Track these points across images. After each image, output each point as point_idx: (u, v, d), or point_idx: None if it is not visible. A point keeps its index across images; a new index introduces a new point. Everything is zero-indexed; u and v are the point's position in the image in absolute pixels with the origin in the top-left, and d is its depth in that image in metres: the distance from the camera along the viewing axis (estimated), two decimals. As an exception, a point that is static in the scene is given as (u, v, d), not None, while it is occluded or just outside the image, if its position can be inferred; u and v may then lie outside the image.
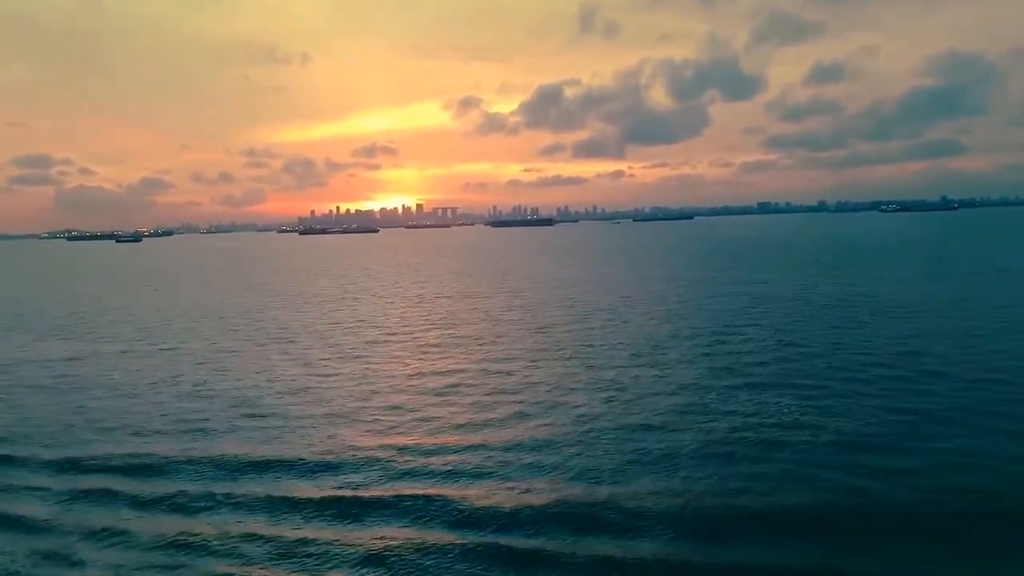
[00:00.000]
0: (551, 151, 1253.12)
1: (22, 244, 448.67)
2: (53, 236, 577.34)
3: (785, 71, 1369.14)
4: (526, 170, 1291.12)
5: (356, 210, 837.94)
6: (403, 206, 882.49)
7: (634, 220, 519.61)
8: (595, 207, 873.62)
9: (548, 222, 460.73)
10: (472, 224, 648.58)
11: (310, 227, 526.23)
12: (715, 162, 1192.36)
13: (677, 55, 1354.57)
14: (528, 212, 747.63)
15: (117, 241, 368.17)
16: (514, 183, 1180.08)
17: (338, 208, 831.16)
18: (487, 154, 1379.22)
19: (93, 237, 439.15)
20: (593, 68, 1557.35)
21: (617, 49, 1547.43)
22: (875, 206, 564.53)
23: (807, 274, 61.28)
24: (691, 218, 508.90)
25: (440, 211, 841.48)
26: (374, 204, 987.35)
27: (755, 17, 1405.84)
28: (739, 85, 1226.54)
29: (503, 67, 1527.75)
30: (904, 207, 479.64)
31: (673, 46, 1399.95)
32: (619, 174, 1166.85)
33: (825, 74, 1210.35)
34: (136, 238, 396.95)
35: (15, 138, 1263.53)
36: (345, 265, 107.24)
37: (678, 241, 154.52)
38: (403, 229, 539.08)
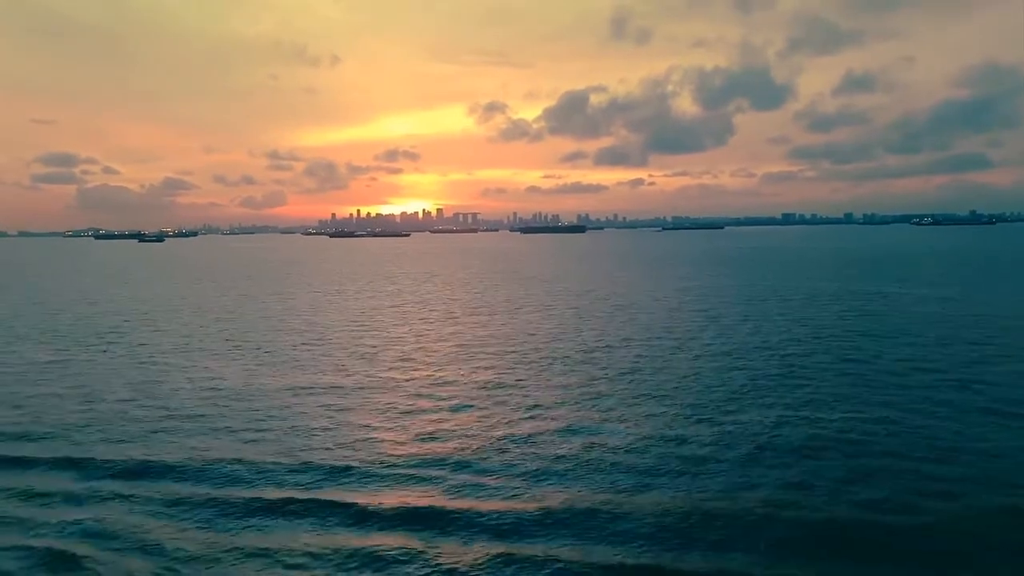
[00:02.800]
0: (573, 158, 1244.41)
1: (48, 242, 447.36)
2: (77, 235, 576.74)
3: (816, 80, 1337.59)
4: (545, 176, 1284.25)
5: (377, 214, 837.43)
6: (423, 210, 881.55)
7: (662, 229, 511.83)
8: (616, 215, 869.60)
9: (580, 229, 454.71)
10: (497, 230, 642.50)
11: (341, 230, 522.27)
12: (737, 172, 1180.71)
13: (708, 63, 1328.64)
14: (548, 219, 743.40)
15: (140, 240, 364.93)
16: (533, 189, 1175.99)
17: (359, 212, 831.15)
18: (507, 160, 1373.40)
19: (121, 236, 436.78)
20: (622, 74, 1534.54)
21: (648, 55, 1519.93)
22: (903, 219, 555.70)
23: (981, 289, 54.69)
24: (721, 228, 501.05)
25: (460, 216, 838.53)
26: (393, 208, 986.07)
27: (792, 25, 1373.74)
28: (768, 94, 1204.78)
29: (530, 72, 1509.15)
30: (936, 220, 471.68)
31: (706, 53, 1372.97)
32: (639, 182, 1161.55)
33: (856, 84, 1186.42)
34: (160, 238, 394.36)
35: (43, 134, 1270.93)
36: (444, 271, 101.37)
37: (757, 251, 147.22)
38: (428, 234, 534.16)
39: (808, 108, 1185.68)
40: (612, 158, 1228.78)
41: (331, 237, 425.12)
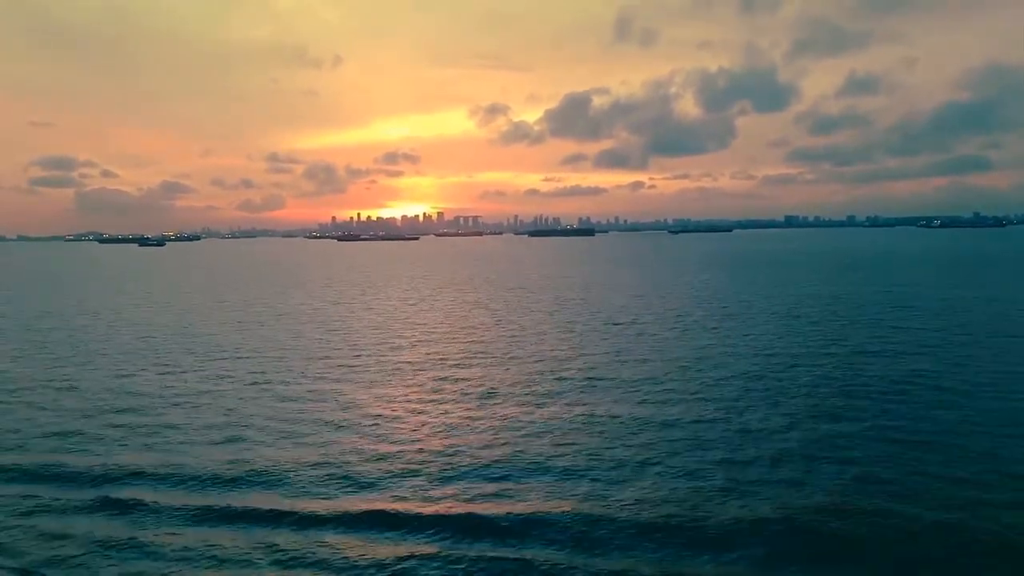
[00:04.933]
0: (573, 160, 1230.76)
1: (51, 246, 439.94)
2: (78, 239, 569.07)
3: (820, 82, 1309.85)
4: (545, 179, 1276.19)
5: (377, 217, 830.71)
6: (424, 214, 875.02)
7: (670, 231, 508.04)
8: (616, 218, 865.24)
9: (589, 232, 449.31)
10: (500, 233, 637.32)
11: (348, 233, 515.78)
12: (737, 174, 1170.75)
13: (713, 65, 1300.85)
14: (548, 222, 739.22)
15: (140, 245, 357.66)
16: (532, 192, 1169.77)
17: (359, 215, 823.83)
18: (507, 163, 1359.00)
19: (125, 240, 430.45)
20: (624, 76, 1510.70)
21: (652, 57, 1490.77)
22: (907, 221, 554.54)
23: None
24: (729, 230, 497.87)
25: (461, 219, 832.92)
26: (393, 211, 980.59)
27: (798, 27, 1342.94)
28: (772, 96, 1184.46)
29: (532, 75, 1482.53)
30: (944, 223, 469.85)
31: (710, 55, 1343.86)
32: (639, 185, 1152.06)
33: (859, 86, 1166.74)
34: (160, 242, 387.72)
35: (41, 138, 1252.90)
36: (539, 281, 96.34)
37: (822, 255, 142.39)
38: (433, 237, 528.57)
39: (810, 110, 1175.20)
40: (612, 160, 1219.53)
41: (339, 240, 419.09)
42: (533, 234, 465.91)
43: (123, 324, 47.41)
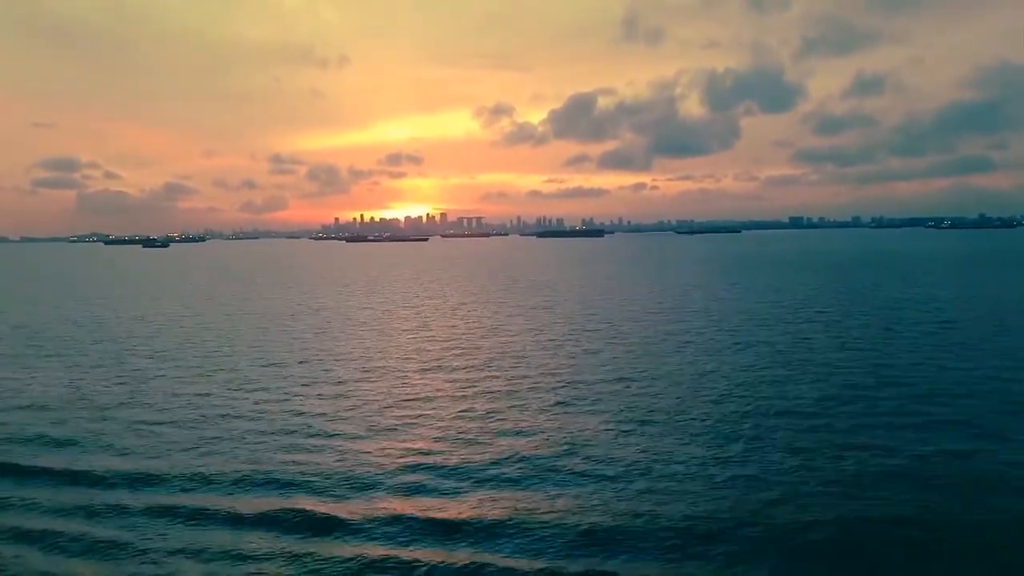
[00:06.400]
0: (576, 161, 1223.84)
1: (56, 247, 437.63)
2: (80, 239, 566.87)
3: (827, 83, 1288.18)
4: (548, 181, 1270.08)
5: (381, 218, 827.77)
6: (427, 215, 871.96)
7: (676, 232, 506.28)
8: (620, 219, 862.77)
9: (598, 233, 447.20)
10: (506, 235, 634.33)
11: (356, 235, 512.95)
12: (740, 175, 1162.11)
13: (720, 64, 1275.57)
14: (552, 222, 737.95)
15: (145, 246, 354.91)
16: (534, 194, 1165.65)
17: (362, 216, 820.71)
18: (510, 164, 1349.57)
19: (131, 241, 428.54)
20: (631, 76, 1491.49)
21: (659, 57, 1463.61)
22: (913, 222, 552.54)
23: None
24: (738, 231, 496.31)
25: (465, 220, 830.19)
26: (396, 212, 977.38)
27: (808, 26, 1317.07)
28: (778, 96, 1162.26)
29: (537, 75, 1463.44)
30: (954, 224, 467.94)
31: (718, 55, 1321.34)
32: (641, 186, 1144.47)
33: (865, 86, 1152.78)
34: (164, 243, 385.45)
35: (43, 139, 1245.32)
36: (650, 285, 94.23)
37: (852, 256, 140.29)
38: (439, 238, 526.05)
39: (816, 110, 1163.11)
40: (616, 161, 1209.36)
41: (347, 242, 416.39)
42: (541, 235, 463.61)
43: (158, 327, 45.45)
